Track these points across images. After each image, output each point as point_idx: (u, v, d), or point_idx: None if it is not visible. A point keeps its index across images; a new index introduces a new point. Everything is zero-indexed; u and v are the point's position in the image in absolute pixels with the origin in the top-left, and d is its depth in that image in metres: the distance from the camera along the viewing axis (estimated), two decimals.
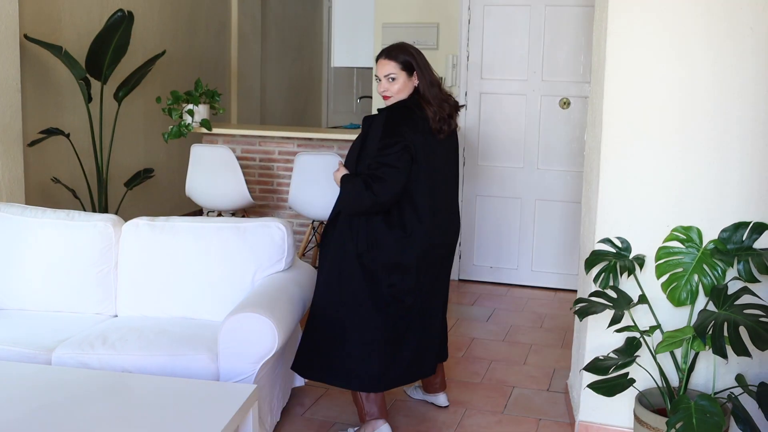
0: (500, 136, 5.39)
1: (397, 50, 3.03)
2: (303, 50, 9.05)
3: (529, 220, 5.41)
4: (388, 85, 3.00)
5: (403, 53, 3.02)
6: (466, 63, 5.39)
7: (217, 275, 3.25)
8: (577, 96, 5.20)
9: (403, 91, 3.00)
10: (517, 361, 4.09)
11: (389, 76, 3.00)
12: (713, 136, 2.86)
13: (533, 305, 5.07)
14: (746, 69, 2.80)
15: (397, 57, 3.00)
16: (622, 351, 2.87)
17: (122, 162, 5.72)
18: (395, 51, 3.03)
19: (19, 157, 4.29)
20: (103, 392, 2.48)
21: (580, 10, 5.09)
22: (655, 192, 2.94)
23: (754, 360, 2.83)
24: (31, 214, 3.40)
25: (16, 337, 3.00)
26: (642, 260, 2.93)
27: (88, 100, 4.92)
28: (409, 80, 3.01)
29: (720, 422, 2.47)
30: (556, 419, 3.41)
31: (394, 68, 2.99)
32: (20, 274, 3.34)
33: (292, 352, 3.33)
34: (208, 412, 2.32)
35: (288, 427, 3.28)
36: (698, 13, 2.82)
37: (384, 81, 3.01)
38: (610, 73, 2.96)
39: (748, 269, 2.71)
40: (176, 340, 2.96)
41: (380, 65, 3.03)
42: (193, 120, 4.71)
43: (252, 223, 3.33)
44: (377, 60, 3.06)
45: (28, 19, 4.77)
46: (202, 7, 7.03)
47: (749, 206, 2.85)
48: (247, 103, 7.90)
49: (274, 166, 4.88)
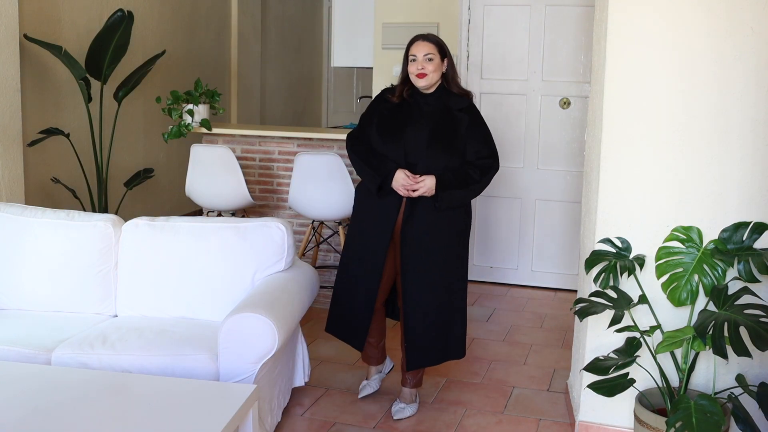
0: (500, 136, 5.37)
1: (433, 35, 3.27)
2: (303, 50, 9.05)
3: (529, 220, 5.41)
4: (426, 64, 3.18)
5: (438, 39, 3.26)
6: (466, 63, 5.39)
7: (217, 275, 3.25)
8: (577, 96, 5.20)
9: (436, 72, 3.20)
10: (517, 361, 4.09)
11: (428, 56, 3.18)
12: (713, 136, 2.86)
13: (533, 305, 5.07)
14: (746, 69, 2.80)
15: (435, 40, 3.24)
16: (622, 351, 2.87)
17: (122, 162, 5.72)
18: (432, 35, 3.27)
19: (19, 157, 4.29)
20: (103, 392, 2.48)
21: (580, 10, 5.09)
22: (655, 192, 2.94)
23: (755, 360, 2.83)
24: (31, 214, 3.40)
25: (16, 337, 3.00)
26: (642, 260, 2.93)
27: (87, 100, 4.91)
28: (441, 64, 3.21)
29: (720, 422, 2.47)
30: (556, 419, 3.41)
31: (433, 49, 3.20)
32: (20, 274, 3.34)
33: (293, 352, 3.33)
34: (208, 412, 2.32)
35: (288, 427, 3.28)
36: (699, 13, 2.82)
37: (421, 60, 3.17)
38: (610, 73, 2.96)
39: (748, 269, 2.71)
40: (176, 340, 2.96)
41: (418, 45, 3.21)
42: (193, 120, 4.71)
43: (252, 223, 3.33)
44: (413, 42, 3.23)
45: (28, 19, 4.77)
46: (202, 7, 7.03)
47: (749, 206, 2.85)
48: (247, 103, 7.89)
49: (274, 166, 4.87)
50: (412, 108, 3.26)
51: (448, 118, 3.23)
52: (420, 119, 3.22)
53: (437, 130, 3.21)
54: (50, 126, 4.93)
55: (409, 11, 5.50)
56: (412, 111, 3.25)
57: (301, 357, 3.45)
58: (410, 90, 3.26)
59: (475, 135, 3.25)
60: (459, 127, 3.22)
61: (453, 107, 3.25)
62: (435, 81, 3.22)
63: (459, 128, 3.22)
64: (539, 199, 5.37)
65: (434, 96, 3.26)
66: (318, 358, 4.00)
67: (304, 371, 3.46)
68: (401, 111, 3.26)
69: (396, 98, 3.28)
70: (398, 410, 3.40)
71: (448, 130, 3.21)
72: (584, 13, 5.05)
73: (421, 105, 3.25)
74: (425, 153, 3.17)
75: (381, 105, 3.32)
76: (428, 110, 3.24)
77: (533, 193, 5.38)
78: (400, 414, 3.38)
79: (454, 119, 3.23)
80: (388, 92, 3.35)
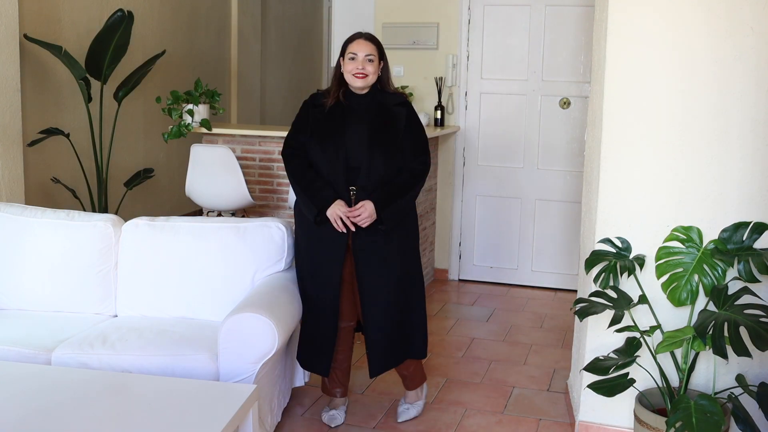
0: (500, 136, 5.39)
1: (373, 36, 3.17)
2: (303, 50, 9.04)
3: (529, 220, 5.41)
4: (366, 65, 3.07)
5: (378, 41, 3.16)
6: (466, 63, 5.39)
7: (217, 275, 3.25)
8: (577, 96, 5.20)
9: (374, 74, 3.11)
10: (517, 361, 4.09)
11: (369, 56, 3.08)
12: (713, 136, 2.86)
13: (533, 305, 5.07)
14: (746, 69, 2.80)
15: (376, 41, 3.14)
16: (622, 351, 2.87)
17: (122, 162, 5.72)
18: (373, 36, 3.17)
19: (19, 157, 4.29)
20: (103, 392, 2.47)
21: (580, 10, 5.09)
22: (655, 192, 2.94)
23: (755, 360, 2.83)
24: (31, 214, 3.40)
25: (16, 337, 3.00)
26: (642, 260, 2.93)
27: (87, 100, 4.91)
28: (378, 67, 3.12)
29: (720, 422, 2.47)
30: (556, 419, 3.41)
31: (374, 50, 3.10)
32: (20, 274, 3.34)
33: (293, 352, 3.33)
34: (208, 412, 2.32)
35: (288, 427, 3.28)
36: (699, 13, 2.82)
37: (362, 60, 3.07)
38: (610, 73, 2.96)
39: (748, 269, 2.71)
40: (176, 340, 2.96)
41: (359, 44, 3.10)
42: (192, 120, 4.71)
43: (252, 223, 3.33)
44: (353, 39, 3.13)
45: (28, 19, 4.76)
46: (202, 7, 7.03)
47: (749, 206, 2.85)
48: (247, 103, 7.89)
49: (274, 166, 4.87)
50: (345, 109, 3.12)
51: (385, 114, 3.12)
52: (357, 119, 3.10)
53: (377, 128, 3.09)
54: (50, 126, 4.93)
55: (409, 11, 5.50)
56: (346, 112, 3.12)
57: None
58: (345, 90, 3.13)
59: (413, 129, 3.15)
60: (398, 123, 3.11)
61: (389, 103, 3.15)
62: (371, 83, 3.10)
63: (398, 123, 3.11)
64: (539, 199, 5.37)
65: (368, 96, 3.14)
66: None
67: (304, 371, 3.46)
68: (336, 113, 3.12)
69: (331, 99, 3.12)
70: (402, 411, 3.37)
71: (388, 126, 3.11)
72: (584, 13, 5.05)
73: (354, 106, 3.12)
74: (367, 154, 3.05)
75: (312, 110, 3.17)
76: (364, 109, 3.12)
77: (533, 193, 5.38)
78: (404, 415, 3.34)
79: (391, 114, 3.12)
80: (318, 97, 3.20)
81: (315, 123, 3.15)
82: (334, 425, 3.28)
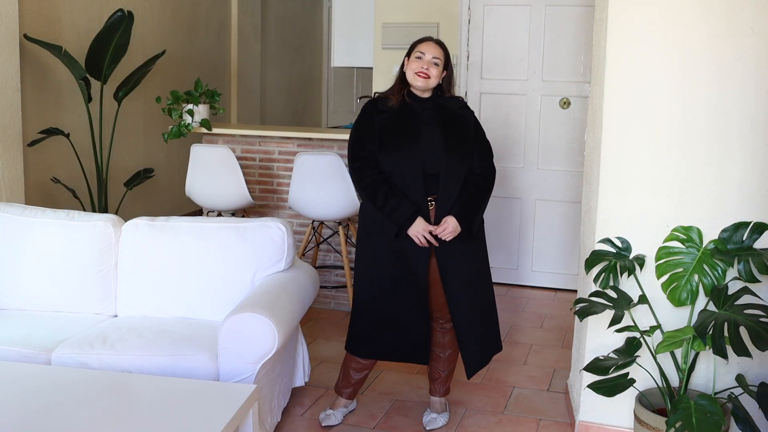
0: (500, 136, 5.38)
1: (443, 43, 3.15)
2: (303, 50, 9.05)
3: (529, 220, 5.41)
4: (431, 67, 3.04)
5: (447, 49, 3.14)
6: (466, 63, 5.39)
7: (217, 275, 3.25)
8: (577, 96, 5.20)
9: (436, 79, 3.08)
10: (517, 361, 4.09)
11: (435, 60, 3.05)
12: (713, 136, 2.86)
13: (533, 305, 5.07)
14: (746, 69, 2.80)
15: (444, 48, 3.12)
16: (622, 351, 2.87)
17: (122, 162, 5.72)
18: (443, 43, 3.14)
19: (19, 157, 4.29)
20: (103, 392, 2.47)
21: (580, 10, 5.09)
22: (655, 192, 2.94)
23: (755, 360, 2.83)
24: (31, 214, 3.40)
25: (16, 337, 3.00)
26: (642, 260, 2.93)
27: (87, 100, 4.91)
28: (441, 74, 3.09)
29: (720, 422, 2.47)
30: (556, 419, 3.41)
31: (441, 55, 3.08)
32: (20, 274, 3.34)
33: (293, 352, 3.33)
34: (208, 412, 2.32)
35: (288, 427, 3.28)
36: (699, 13, 2.82)
37: (428, 61, 3.04)
38: (610, 73, 2.96)
39: (748, 269, 2.71)
40: (176, 340, 2.96)
41: (429, 45, 3.08)
42: (192, 120, 4.71)
43: (252, 223, 3.33)
44: (423, 41, 3.11)
45: (28, 19, 4.77)
46: (202, 7, 7.03)
47: (749, 206, 2.85)
48: (247, 103, 7.89)
49: (274, 166, 4.87)
50: (413, 114, 3.06)
51: (454, 118, 3.09)
52: (427, 124, 3.05)
53: (450, 133, 3.05)
54: (50, 126, 4.93)
55: (409, 11, 5.50)
56: (414, 115, 3.06)
57: (301, 357, 3.45)
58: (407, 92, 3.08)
59: (479, 135, 3.15)
60: (468, 126, 3.11)
61: (452, 107, 3.12)
62: (432, 86, 3.07)
63: (468, 127, 3.11)
64: (539, 199, 5.37)
65: (430, 100, 3.10)
66: (318, 358, 4.00)
67: (304, 371, 3.46)
68: (404, 118, 3.05)
69: (395, 101, 3.05)
70: (430, 421, 3.30)
71: (460, 129, 3.08)
72: (584, 13, 5.05)
73: (419, 110, 3.07)
74: (444, 160, 3.00)
75: (376, 116, 3.06)
76: (430, 113, 3.08)
77: (533, 193, 5.38)
78: (432, 425, 3.28)
79: (459, 118, 3.10)
80: (381, 101, 3.10)
81: (384, 130, 3.04)
82: (325, 424, 3.27)
